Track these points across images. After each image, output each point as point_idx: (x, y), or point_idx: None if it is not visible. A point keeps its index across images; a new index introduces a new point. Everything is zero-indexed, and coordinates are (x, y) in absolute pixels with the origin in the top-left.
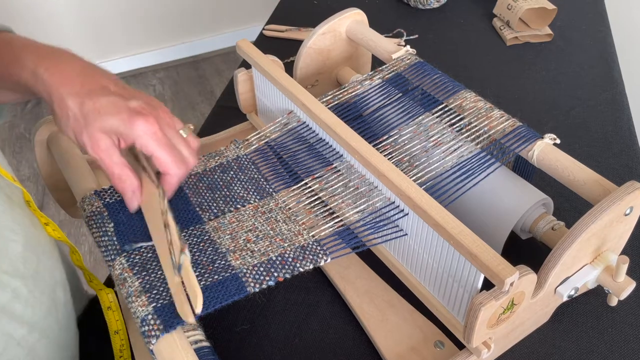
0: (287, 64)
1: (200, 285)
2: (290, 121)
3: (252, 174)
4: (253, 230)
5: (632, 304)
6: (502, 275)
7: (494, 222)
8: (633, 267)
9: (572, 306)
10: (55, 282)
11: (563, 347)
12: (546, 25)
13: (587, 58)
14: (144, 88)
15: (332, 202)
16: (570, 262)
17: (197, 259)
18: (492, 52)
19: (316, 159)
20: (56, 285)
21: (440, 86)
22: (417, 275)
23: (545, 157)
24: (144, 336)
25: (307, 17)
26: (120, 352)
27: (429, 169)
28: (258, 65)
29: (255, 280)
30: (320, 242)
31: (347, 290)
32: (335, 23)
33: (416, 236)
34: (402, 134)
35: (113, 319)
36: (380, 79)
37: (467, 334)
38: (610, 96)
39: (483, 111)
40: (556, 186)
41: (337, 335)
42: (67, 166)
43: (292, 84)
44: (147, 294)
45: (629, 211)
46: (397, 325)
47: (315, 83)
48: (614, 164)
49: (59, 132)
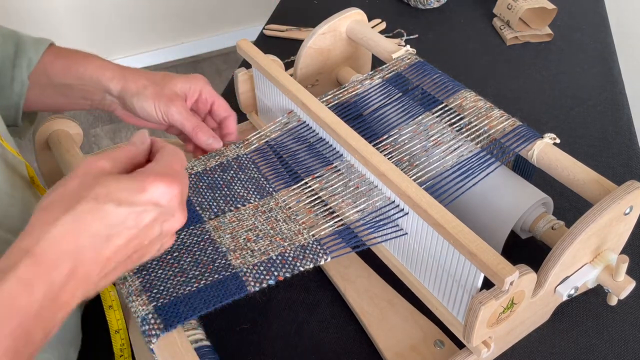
0: (287, 63)
1: (201, 284)
2: (291, 120)
3: (252, 173)
4: (253, 229)
5: (631, 303)
6: (502, 275)
7: (494, 221)
8: (633, 266)
9: (572, 305)
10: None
11: (563, 346)
12: (546, 25)
13: (587, 58)
14: None
15: (332, 202)
16: (570, 261)
17: (197, 258)
18: (492, 52)
19: (316, 158)
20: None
21: (440, 86)
22: (417, 274)
23: (545, 156)
24: (144, 335)
25: (307, 17)
26: (121, 351)
27: (428, 168)
28: (258, 65)
29: (255, 279)
30: (321, 242)
31: (347, 290)
32: (336, 23)
33: (416, 235)
34: (402, 134)
35: (114, 318)
36: (381, 79)
37: (467, 333)
38: (610, 96)
39: (483, 111)
40: (556, 186)
41: (337, 335)
42: (67, 166)
43: (292, 83)
44: (148, 293)
45: (629, 210)
46: (397, 324)
47: (315, 83)
48: (613, 163)
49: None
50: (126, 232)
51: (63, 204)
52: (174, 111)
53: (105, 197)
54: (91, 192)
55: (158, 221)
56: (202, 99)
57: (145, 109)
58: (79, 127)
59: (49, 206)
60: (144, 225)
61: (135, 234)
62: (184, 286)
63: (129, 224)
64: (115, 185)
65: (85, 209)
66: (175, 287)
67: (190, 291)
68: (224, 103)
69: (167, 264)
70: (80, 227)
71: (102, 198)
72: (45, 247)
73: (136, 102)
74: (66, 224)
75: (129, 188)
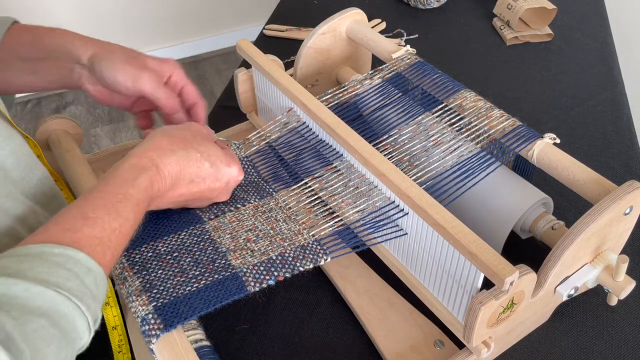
0: (287, 63)
1: (200, 284)
2: (290, 120)
3: (252, 177)
4: (253, 229)
5: (631, 303)
6: (502, 275)
7: (494, 221)
8: (633, 266)
9: (572, 305)
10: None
11: (563, 346)
12: (546, 25)
13: (587, 58)
14: None
15: (332, 202)
16: (570, 261)
17: (197, 258)
18: (492, 52)
19: (316, 158)
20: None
21: (440, 86)
22: (417, 274)
23: (545, 156)
24: (144, 335)
25: (307, 17)
26: (119, 347)
27: (429, 168)
28: (258, 65)
29: (255, 279)
30: (320, 242)
31: (347, 290)
32: (335, 23)
33: (416, 235)
34: (402, 134)
35: (111, 314)
36: (380, 79)
37: (467, 333)
38: (610, 96)
39: (483, 111)
40: (556, 185)
41: (337, 335)
42: (68, 166)
43: (292, 83)
44: (148, 293)
45: (629, 210)
46: (397, 324)
47: (315, 83)
48: (613, 163)
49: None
50: (201, 185)
51: (181, 143)
52: (146, 78)
53: (207, 156)
54: (200, 147)
55: (219, 190)
56: (172, 81)
57: (114, 74)
58: (79, 127)
59: (170, 139)
60: (212, 187)
61: (204, 189)
62: (184, 286)
63: (207, 181)
64: (214, 152)
65: (192, 155)
66: (175, 287)
67: (190, 291)
68: (193, 89)
69: (167, 264)
70: (186, 163)
71: (204, 155)
72: (165, 164)
73: (105, 66)
74: (179, 157)
75: (222, 158)
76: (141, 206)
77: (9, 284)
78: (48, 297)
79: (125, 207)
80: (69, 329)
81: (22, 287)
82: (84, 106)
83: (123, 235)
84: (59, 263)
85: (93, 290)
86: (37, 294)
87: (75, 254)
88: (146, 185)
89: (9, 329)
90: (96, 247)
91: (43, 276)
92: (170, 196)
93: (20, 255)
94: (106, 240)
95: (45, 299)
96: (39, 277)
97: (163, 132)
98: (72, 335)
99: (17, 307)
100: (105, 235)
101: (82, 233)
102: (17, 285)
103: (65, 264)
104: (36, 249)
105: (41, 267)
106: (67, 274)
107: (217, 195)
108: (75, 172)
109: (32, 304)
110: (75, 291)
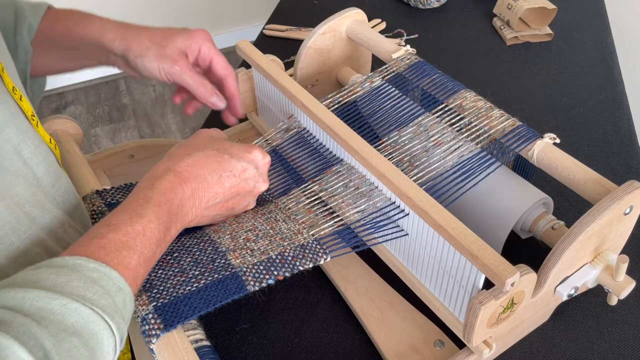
0: (287, 63)
1: (200, 284)
2: (290, 126)
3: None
4: (253, 229)
5: (631, 303)
6: (503, 276)
7: (494, 221)
8: (633, 266)
9: (572, 305)
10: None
11: (563, 346)
12: (546, 25)
13: (587, 58)
14: (144, 88)
15: (333, 202)
16: (570, 261)
17: (197, 258)
18: (492, 52)
19: (317, 159)
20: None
21: (440, 86)
22: (418, 274)
23: (545, 156)
24: (144, 335)
25: (307, 17)
26: None
27: (429, 169)
28: (258, 66)
29: (255, 278)
30: (320, 241)
31: (347, 290)
32: (335, 23)
33: (417, 236)
34: (403, 134)
35: None
36: (381, 79)
37: (468, 333)
38: (610, 96)
39: (483, 111)
40: (556, 185)
41: (337, 335)
42: (68, 166)
43: (292, 84)
44: (148, 293)
45: (629, 210)
46: (397, 324)
47: (315, 83)
48: (613, 163)
49: (60, 133)
50: (232, 179)
51: (195, 147)
52: (177, 71)
53: (224, 150)
54: (214, 145)
55: (253, 179)
56: (201, 55)
57: (149, 69)
58: (79, 127)
59: (184, 147)
60: (244, 178)
61: (237, 182)
62: (184, 286)
63: (235, 172)
64: (230, 145)
65: (209, 153)
66: (175, 287)
67: (190, 291)
68: (222, 61)
69: (167, 264)
70: (205, 161)
71: (221, 150)
72: (182, 167)
73: (139, 63)
74: (197, 157)
75: (239, 148)
76: (163, 208)
77: (49, 298)
78: (83, 314)
79: (145, 208)
80: (96, 348)
81: (60, 303)
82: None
83: (148, 239)
84: (94, 279)
85: (122, 310)
86: (74, 310)
87: (108, 271)
88: (165, 187)
89: (48, 346)
90: (122, 252)
91: (79, 291)
92: (206, 199)
93: (58, 267)
94: (131, 244)
95: (81, 316)
96: (75, 292)
97: (174, 147)
98: (97, 354)
99: (54, 323)
100: (130, 239)
101: (107, 239)
102: (56, 300)
103: (100, 280)
104: (72, 261)
105: (77, 282)
106: (101, 290)
107: (255, 184)
108: (75, 172)
109: (67, 320)
110: (108, 309)
